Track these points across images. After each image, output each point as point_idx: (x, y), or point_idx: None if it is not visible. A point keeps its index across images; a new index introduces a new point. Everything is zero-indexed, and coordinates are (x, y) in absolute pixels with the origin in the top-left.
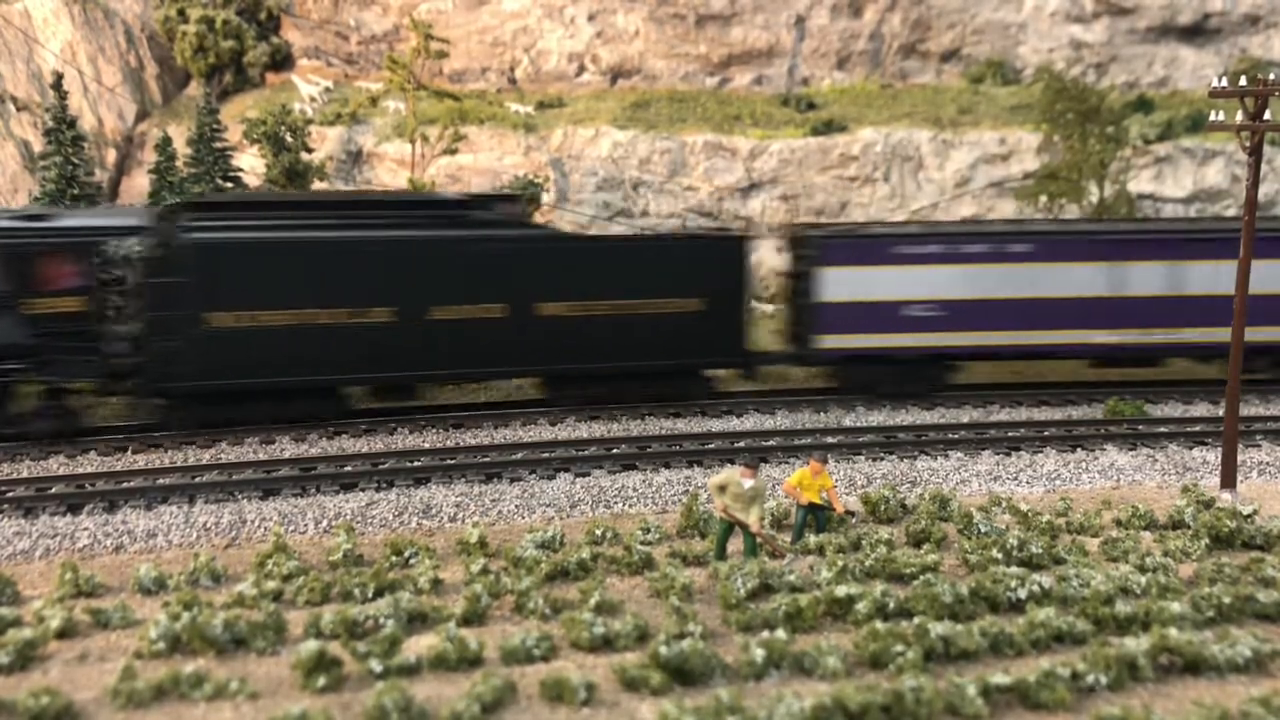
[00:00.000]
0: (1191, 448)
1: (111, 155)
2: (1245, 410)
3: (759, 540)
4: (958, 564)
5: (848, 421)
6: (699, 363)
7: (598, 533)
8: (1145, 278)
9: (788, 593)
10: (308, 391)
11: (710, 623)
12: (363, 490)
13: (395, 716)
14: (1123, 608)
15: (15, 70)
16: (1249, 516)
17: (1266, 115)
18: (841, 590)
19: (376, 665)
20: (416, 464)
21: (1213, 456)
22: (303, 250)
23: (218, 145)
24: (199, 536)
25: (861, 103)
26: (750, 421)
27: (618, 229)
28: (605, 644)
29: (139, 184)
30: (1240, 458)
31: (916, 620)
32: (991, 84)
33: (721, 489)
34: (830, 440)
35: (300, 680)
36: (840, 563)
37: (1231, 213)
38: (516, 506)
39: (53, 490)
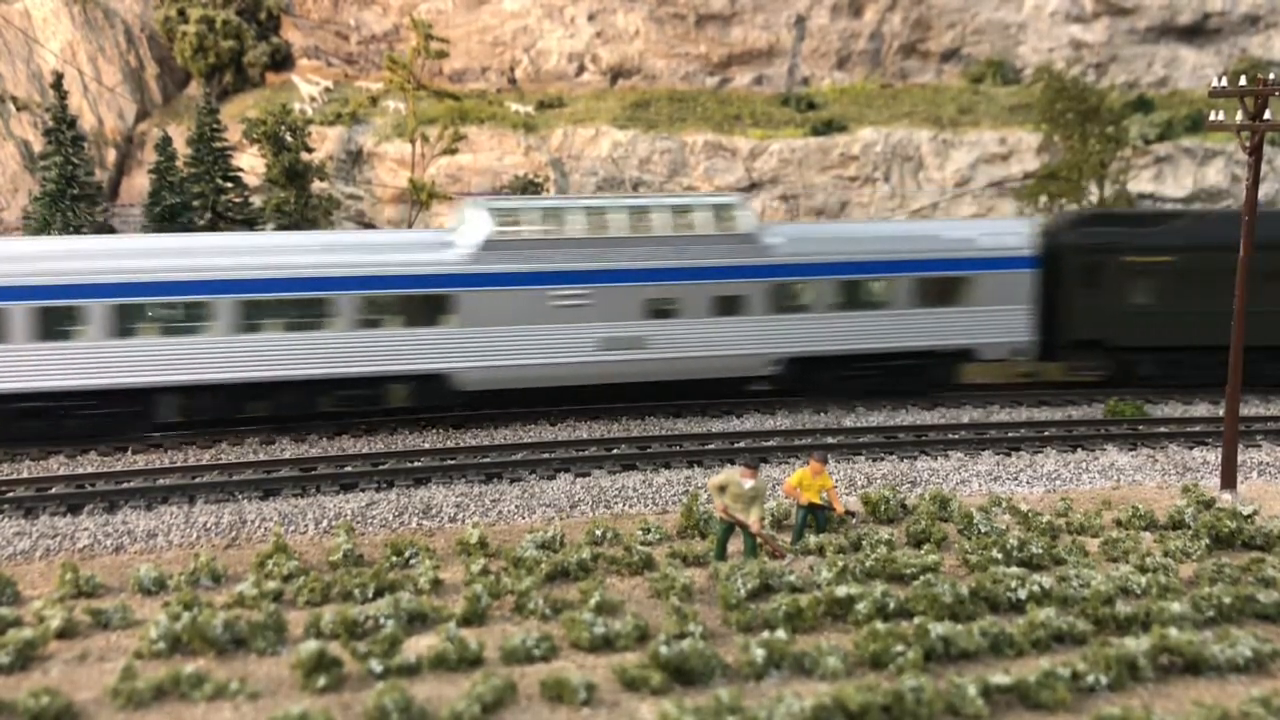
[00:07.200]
0: (1191, 448)
1: (111, 155)
2: (1245, 410)
3: (759, 540)
4: (958, 564)
5: (848, 421)
6: None
7: (598, 533)
8: None
9: (788, 593)
10: None
11: (710, 623)
12: (363, 490)
13: (395, 716)
14: (1123, 608)
15: (15, 70)
16: (1249, 517)
17: (1266, 115)
18: (842, 590)
19: (376, 665)
20: (416, 464)
21: (1213, 456)
22: None
23: (218, 145)
24: (199, 536)
25: (861, 103)
26: (750, 421)
27: None
28: (605, 644)
29: (139, 184)
30: (1240, 458)
31: (917, 620)
32: (991, 84)
33: (721, 489)
34: (830, 440)
35: (300, 680)
36: (840, 563)
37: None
38: (516, 506)
39: (53, 490)
